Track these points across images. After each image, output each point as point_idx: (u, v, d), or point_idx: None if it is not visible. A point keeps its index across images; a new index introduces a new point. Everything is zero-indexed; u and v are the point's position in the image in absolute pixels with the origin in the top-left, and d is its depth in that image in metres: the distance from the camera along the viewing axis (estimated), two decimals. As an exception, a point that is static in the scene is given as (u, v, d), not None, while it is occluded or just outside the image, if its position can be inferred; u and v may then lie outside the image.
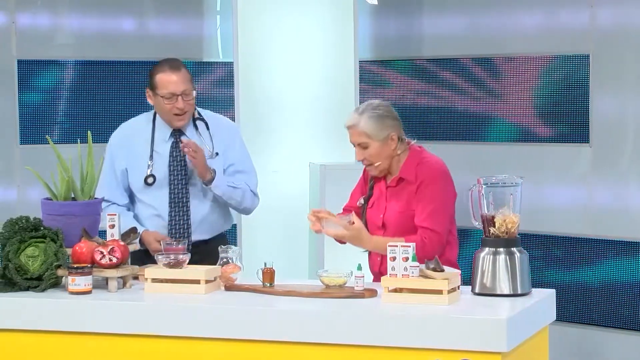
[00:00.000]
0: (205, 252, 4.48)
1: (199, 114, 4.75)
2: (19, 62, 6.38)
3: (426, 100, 6.49)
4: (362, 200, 4.40)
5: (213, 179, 4.61)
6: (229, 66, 6.52)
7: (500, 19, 6.30)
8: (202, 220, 4.69)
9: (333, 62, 6.50)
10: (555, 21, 6.14)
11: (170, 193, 4.66)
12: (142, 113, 4.84)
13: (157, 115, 4.71)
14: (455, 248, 4.36)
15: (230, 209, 4.79)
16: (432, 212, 4.19)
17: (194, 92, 4.65)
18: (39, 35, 6.44)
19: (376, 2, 6.76)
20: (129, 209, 4.72)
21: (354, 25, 6.44)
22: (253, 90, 6.45)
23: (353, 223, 4.15)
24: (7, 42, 6.37)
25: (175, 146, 4.68)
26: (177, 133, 4.69)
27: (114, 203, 4.68)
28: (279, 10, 6.48)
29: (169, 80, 4.60)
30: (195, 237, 4.67)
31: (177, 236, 4.63)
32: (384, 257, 4.16)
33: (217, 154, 4.71)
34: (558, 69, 6.13)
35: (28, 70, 6.40)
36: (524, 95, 6.26)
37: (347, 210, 4.45)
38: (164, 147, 4.68)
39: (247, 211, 4.82)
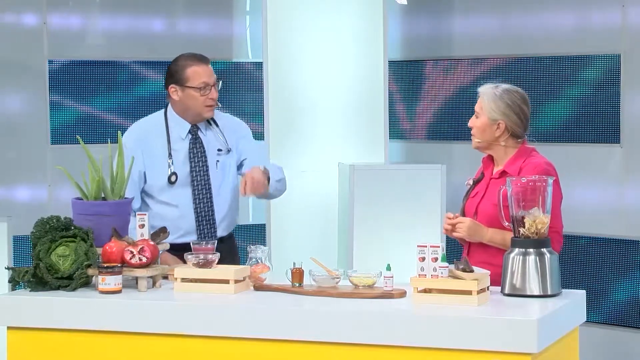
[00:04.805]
0: (227, 249, 4.52)
1: None
2: (50, 62, 6.41)
3: (456, 101, 6.47)
4: (470, 182, 4.41)
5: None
6: (258, 66, 6.53)
7: (531, 19, 6.27)
8: (224, 216, 4.70)
9: (362, 62, 6.49)
10: (586, 21, 6.11)
11: (193, 190, 4.64)
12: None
13: (171, 112, 4.68)
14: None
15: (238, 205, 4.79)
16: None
17: (220, 83, 4.67)
18: (70, 35, 6.48)
19: (405, 3, 6.75)
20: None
21: (384, 25, 6.43)
22: (282, 90, 6.46)
23: None
24: (38, 42, 6.41)
25: (194, 143, 4.68)
26: (194, 129, 4.69)
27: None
28: (308, 10, 6.48)
29: (201, 72, 4.62)
30: (218, 233, 4.67)
31: (205, 232, 4.64)
32: (471, 244, 4.25)
33: (229, 150, 4.72)
34: (589, 69, 6.10)
35: (59, 70, 6.44)
36: (554, 96, 6.23)
37: None
38: (181, 144, 4.66)
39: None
